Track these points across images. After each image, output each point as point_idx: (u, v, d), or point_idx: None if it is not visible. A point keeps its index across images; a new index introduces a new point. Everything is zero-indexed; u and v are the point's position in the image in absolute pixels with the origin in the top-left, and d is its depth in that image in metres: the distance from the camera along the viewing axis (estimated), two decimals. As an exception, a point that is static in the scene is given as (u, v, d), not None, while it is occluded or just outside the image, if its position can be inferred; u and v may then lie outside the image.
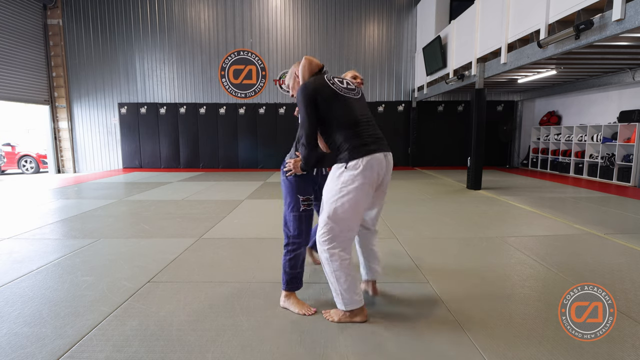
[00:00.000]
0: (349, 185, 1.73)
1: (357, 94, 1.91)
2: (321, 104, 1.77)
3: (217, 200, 5.35)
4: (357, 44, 10.00)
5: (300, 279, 2.04)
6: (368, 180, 1.74)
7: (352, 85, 1.92)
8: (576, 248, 3.11)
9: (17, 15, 8.92)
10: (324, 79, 1.84)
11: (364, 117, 1.85)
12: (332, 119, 1.78)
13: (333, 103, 1.78)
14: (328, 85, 1.81)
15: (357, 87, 1.96)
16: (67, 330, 1.81)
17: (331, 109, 1.77)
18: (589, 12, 3.81)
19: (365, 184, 1.74)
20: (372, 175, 1.76)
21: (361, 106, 1.89)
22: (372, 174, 1.75)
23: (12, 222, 4.13)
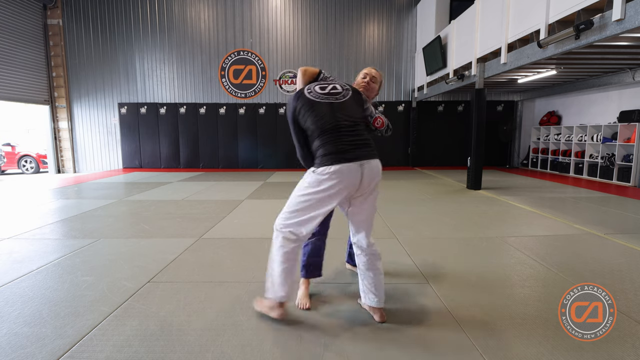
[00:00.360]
0: (313, 188, 1.75)
1: (341, 98, 1.84)
2: (299, 114, 1.83)
3: (217, 200, 5.35)
4: (357, 44, 10.00)
5: (309, 269, 2.14)
6: (333, 189, 1.71)
7: (339, 89, 1.87)
8: (576, 248, 3.11)
9: (17, 15, 8.92)
10: (304, 89, 1.87)
11: (345, 121, 1.78)
12: (309, 127, 1.80)
13: (309, 112, 1.80)
14: (304, 95, 1.83)
15: (345, 91, 1.88)
16: (67, 330, 1.81)
17: (308, 118, 1.80)
18: (589, 12, 3.81)
19: (329, 190, 1.71)
20: (339, 185, 1.71)
21: (343, 110, 1.81)
22: (340, 183, 1.70)
23: (12, 222, 4.13)
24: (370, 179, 1.76)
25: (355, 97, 1.91)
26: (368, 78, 2.08)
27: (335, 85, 1.89)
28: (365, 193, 1.80)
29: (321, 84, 1.89)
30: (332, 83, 1.91)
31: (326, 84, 1.90)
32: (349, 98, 1.86)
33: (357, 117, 1.87)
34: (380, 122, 2.04)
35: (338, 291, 2.27)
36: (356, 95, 1.93)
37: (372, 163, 1.77)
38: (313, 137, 1.80)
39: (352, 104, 1.87)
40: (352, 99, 1.88)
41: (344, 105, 1.82)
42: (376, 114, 2.06)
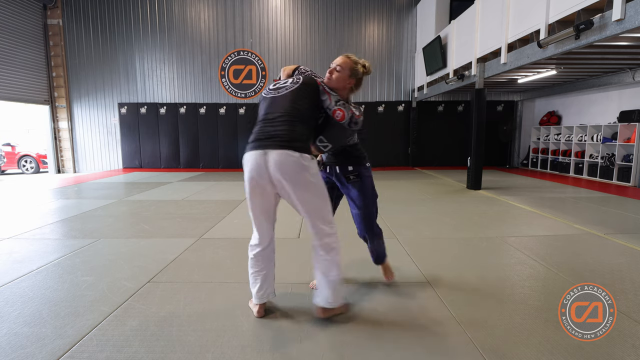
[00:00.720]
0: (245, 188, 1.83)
1: (283, 91, 1.84)
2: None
3: (217, 200, 5.35)
4: (357, 44, 10.00)
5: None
6: (246, 179, 1.77)
7: (287, 84, 1.88)
8: (576, 248, 3.11)
9: (17, 15, 8.92)
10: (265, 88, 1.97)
11: (273, 113, 1.79)
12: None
13: (259, 107, 1.92)
14: (262, 93, 1.96)
15: (292, 84, 1.86)
16: (67, 330, 1.81)
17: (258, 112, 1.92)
18: (589, 12, 3.80)
19: (246, 182, 1.78)
20: (248, 175, 1.75)
21: (277, 103, 1.81)
22: (248, 173, 1.75)
23: (12, 222, 4.13)
24: (276, 170, 1.68)
25: (303, 88, 1.84)
26: (333, 66, 1.94)
27: (288, 80, 1.91)
28: (280, 186, 1.73)
29: (277, 82, 1.95)
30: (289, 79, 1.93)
31: (283, 81, 1.94)
32: (291, 90, 1.83)
33: (291, 108, 1.78)
34: (339, 114, 1.83)
35: (338, 291, 2.27)
36: (306, 87, 1.86)
37: (277, 153, 1.68)
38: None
39: (297, 96, 1.82)
40: (297, 91, 1.83)
41: (280, 98, 1.83)
42: (335, 107, 1.84)
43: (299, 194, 1.74)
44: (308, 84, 1.88)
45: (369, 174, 2.12)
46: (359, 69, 1.95)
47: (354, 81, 1.96)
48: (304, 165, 1.70)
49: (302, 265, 2.66)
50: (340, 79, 1.92)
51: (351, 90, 2.01)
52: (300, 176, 1.71)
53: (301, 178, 1.72)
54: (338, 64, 1.93)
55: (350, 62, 1.93)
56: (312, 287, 2.27)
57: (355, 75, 1.95)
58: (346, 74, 1.92)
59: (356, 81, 1.98)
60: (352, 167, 2.08)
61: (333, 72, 1.93)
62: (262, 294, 1.92)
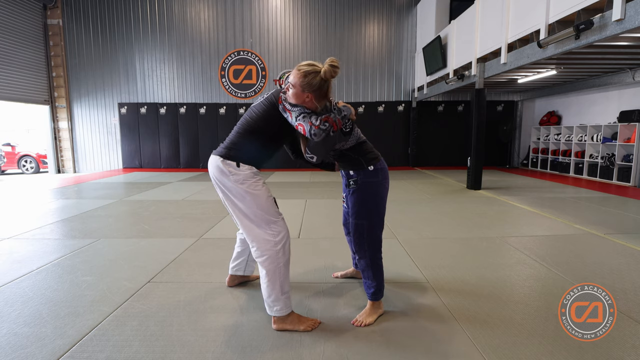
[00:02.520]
0: None
1: (255, 103, 1.89)
2: None
3: (217, 200, 5.35)
4: (357, 44, 10.00)
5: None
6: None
7: (262, 97, 1.89)
8: (576, 248, 3.11)
9: (17, 15, 8.92)
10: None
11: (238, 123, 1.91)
12: None
13: None
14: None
15: (259, 99, 1.88)
16: (67, 330, 1.81)
17: None
18: (589, 12, 3.81)
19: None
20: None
21: (245, 113, 1.90)
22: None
23: (12, 222, 4.13)
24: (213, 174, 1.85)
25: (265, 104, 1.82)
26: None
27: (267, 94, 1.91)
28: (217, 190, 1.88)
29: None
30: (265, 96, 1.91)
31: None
32: (255, 104, 1.87)
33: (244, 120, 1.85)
34: (301, 129, 1.69)
35: (338, 292, 2.27)
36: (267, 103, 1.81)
37: (211, 158, 1.87)
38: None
39: (256, 108, 1.84)
40: (258, 106, 1.85)
41: (249, 109, 1.89)
42: (296, 122, 1.70)
43: (227, 201, 1.85)
44: (269, 100, 1.82)
45: (373, 180, 1.87)
46: (312, 81, 1.69)
47: (311, 95, 1.72)
48: (222, 171, 1.79)
49: (303, 265, 2.67)
50: (295, 96, 1.73)
51: (317, 102, 1.76)
52: (222, 186, 1.82)
53: (223, 189, 1.82)
54: (289, 81, 1.75)
55: (299, 76, 1.70)
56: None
57: (310, 88, 1.70)
58: (298, 90, 1.71)
59: (315, 93, 1.72)
60: (353, 171, 1.91)
61: (288, 88, 1.76)
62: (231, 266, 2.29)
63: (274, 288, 1.79)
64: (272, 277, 1.78)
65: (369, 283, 1.94)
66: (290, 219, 4.06)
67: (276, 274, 1.78)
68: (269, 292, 1.80)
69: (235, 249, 2.26)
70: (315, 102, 1.76)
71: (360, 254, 1.92)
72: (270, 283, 1.79)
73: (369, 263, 1.91)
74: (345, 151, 1.89)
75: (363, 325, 1.86)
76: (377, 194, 1.89)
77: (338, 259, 2.80)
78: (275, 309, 1.80)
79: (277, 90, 1.83)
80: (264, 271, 1.79)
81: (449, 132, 10.08)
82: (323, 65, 1.72)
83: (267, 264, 1.78)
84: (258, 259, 1.81)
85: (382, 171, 1.90)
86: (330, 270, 2.56)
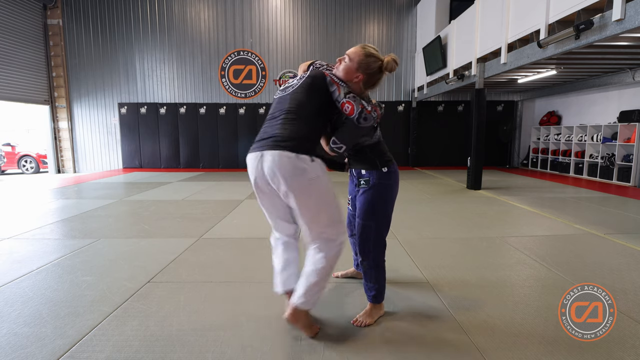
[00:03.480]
0: None
1: (289, 89, 1.72)
2: None
3: (217, 200, 5.35)
4: (357, 44, 9.97)
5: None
6: (251, 182, 1.68)
7: (293, 81, 1.75)
8: (576, 248, 3.11)
9: (17, 15, 8.92)
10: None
11: (275, 112, 1.69)
12: None
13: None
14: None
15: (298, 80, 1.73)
16: (67, 330, 1.81)
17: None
18: (589, 12, 3.81)
19: (252, 185, 1.69)
20: (250, 177, 1.67)
21: (282, 101, 1.70)
22: (250, 175, 1.66)
23: (12, 222, 4.13)
24: (271, 172, 1.55)
25: (309, 83, 1.68)
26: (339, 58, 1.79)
27: (294, 79, 1.78)
28: (279, 189, 1.59)
29: (287, 83, 1.82)
30: (297, 77, 1.80)
31: (296, 75, 1.83)
32: (298, 87, 1.69)
33: (293, 106, 1.65)
34: (348, 108, 1.62)
35: (338, 292, 2.27)
36: (313, 81, 1.69)
37: (270, 154, 1.55)
38: None
39: (302, 93, 1.67)
40: (304, 86, 1.68)
41: (285, 96, 1.71)
42: (343, 99, 1.63)
43: (297, 199, 1.58)
44: (314, 76, 1.69)
45: (386, 182, 1.84)
46: (371, 63, 1.70)
47: (362, 76, 1.71)
48: (299, 167, 1.54)
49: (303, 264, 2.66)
50: (346, 70, 1.71)
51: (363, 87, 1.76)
52: (296, 180, 1.55)
53: (297, 182, 1.55)
54: (348, 53, 1.74)
55: (362, 53, 1.70)
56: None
57: (364, 70, 1.70)
58: (353, 65, 1.70)
59: (367, 77, 1.72)
60: (365, 171, 1.86)
61: (341, 61, 1.74)
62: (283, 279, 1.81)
63: (323, 285, 1.73)
64: (328, 272, 1.72)
65: (371, 285, 1.90)
66: (290, 219, 4.06)
67: (330, 271, 1.74)
68: (316, 287, 1.69)
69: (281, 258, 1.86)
70: (362, 86, 1.75)
71: (365, 255, 1.88)
72: (324, 278, 1.71)
73: (373, 265, 1.88)
74: (366, 147, 1.84)
75: (363, 325, 1.85)
76: (387, 197, 1.86)
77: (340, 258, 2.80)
78: (303, 301, 1.67)
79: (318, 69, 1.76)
80: (321, 265, 1.68)
81: (449, 132, 10.08)
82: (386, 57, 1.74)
83: (328, 261, 1.70)
84: (319, 255, 1.70)
85: (394, 174, 1.89)
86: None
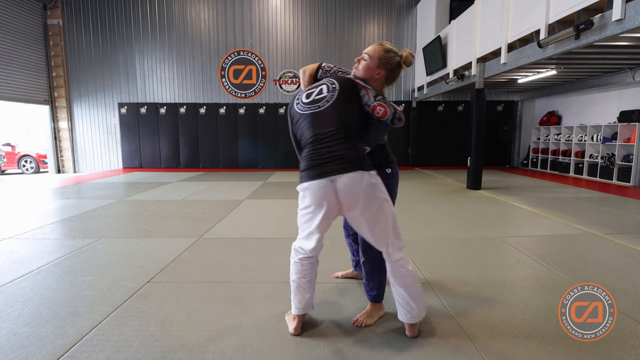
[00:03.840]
0: (300, 204, 1.68)
1: (324, 104, 1.65)
2: (293, 126, 1.75)
3: (217, 200, 5.35)
4: (357, 44, 10.00)
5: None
6: (310, 207, 1.61)
7: (324, 93, 1.67)
8: (576, 248, 3.11)
9: (17, 15, 8.92)
10: (294, 100, 1.77)
11: (320, 134, 1.60)
12: (298, 141, 1.74)
13: (296, 125, 1.72)
14: (294, 107, 1.74)
15: (330, 93, 1.67)
16: (67, 330, 1.81)
17: (296, 131, 1.73)
18: (589, 12, 3.81)
19: (308, 208, 1.62)
20: (313, 204, 1.59)
21: (324, 120, 1.62)
22: (313, 202, 1.59)
23: (12, 222, 4.13)
24: (349, 195, 1.55)
25: (343, 93, 1.66)
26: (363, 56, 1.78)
27: (322, 88, 1.70)
28: (352, 208, 1.59)
29: (309, 90, 1.74)
30: (320, 85, 1.73)
31: (314, 87, 1.74)
32: (334, 101, 1.65)
33: (345, 121, 1.63)
34: (381, 111, 1.64)
35: (338, 293, 2.27)
36: (345, 90, 1.67)
37: (347, 177, 1.54)
38: (300, 150, 1.73)
39: (340, 106, 1.64)
40: (339, 98, 1.65)
41: (325, 113, 1.63)
42: (374, 102, 1.65)
43: (371, 216, 1.61)
44: (344, 85, 1.68)
45: (388, 182, 1.80)
46: (391, 58, 1.74)
47: (384, 72, 1.75)
48: (373, 184, 1.58)
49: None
50: (366, 68, 1.74)
51: (383, 84, 1.79)
52: (373, 198, 1.59)
53: (374, 200, 1.59)
54: (366, 52, 1.75)
55: (381, 49, 1.73)
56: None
57: (385, 65, 1.73)
58: (374, 63, 1.73)
59: (388, 72, 1.75)
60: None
61: (360, 60, 1.75)
62: (304, 304, 1.75)
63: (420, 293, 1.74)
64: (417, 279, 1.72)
65: (372, 285, 1.90)
66: (290, 219, 4.07)
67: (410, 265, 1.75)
68: (419, 284, 1.73)
69: (301, 280, 1.73)
70: (384, 82, 1.78)
71: (367, 254, 1.88)
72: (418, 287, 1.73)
73: (375, 265, 1.87)
74: (377, 147, 1.86)
75: (363, 325, 1.85)
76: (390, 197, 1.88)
77: (338, 259, 2.80)
78: (420, 315, 1.73)
79: (337, 76, 1.74)
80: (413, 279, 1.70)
81: (449, 132, 10.08)
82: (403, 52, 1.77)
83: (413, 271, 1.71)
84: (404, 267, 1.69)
85: (396, 175, 1.92)
86: (331, 270, 2.56)
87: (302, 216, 1.69)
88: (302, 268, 1.72)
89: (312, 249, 1.68)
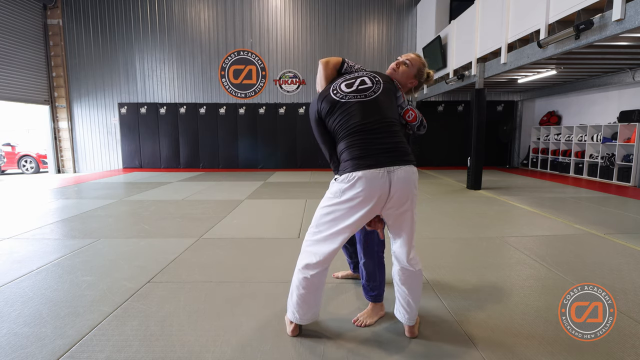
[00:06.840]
0: (335, 198, 1.56)
1: (371, 94, 1.61)
2: (325, 118, 1.65)
3: (217, 200, 5.35)
4: (357, 44, 10.00)
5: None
6: (356, 199, 1.51)
7: (368, 83, 1.65)
8: (576, 248, 3.11)
9: (17, 15, 8.92)
10: (329, 90, 1.66)
11: (371, 123, 1.56)
12: (335, 129, 1.63)
13: (334, 114, 1.61)
14: (329, 95, 1.64)
15: (376, 85, 1.65)
16: (67, 330, 1.81)
17: (333, 120, 1.62)
18: (589, 12, 3.81)
19: (353, 200, 1.51)
20: (362, 195, 1.50)
21: (374, 109, 1.59)
22: (363, 193, 1.50)
23: (12, 222, 4.13)
24: (401, 189, 1.52)
25: (387, 89, 1.66)
26: (402, 59, 1.79)
27: (364, 79, 1.66)
28: (396, 205, 1.54)
29: (347, 80, 1.67)
30: (359, 76, 1.68)
31: (353, 78, 1.68)
32: (380, 93, 1.62)
33: (391, 115, 1.63)
34: (412, 115, 1.70)
35: (338, 292, 2.27)
36: (388, 86, 1.68)
37: (403, 170, 1.52)
38: (339, 139, 1.62)
39: (385, 100, 1.63)
40: (384, 92, 1.64)
41: (375, 102, 1.60)
42: (407, 106, 1.72)
43: (412, 212, 1.59)
44: (387, 82, 1.69)
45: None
46: (424, 71, 1.82)
47: (416, 82, 1.82)
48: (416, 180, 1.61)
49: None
50: (406, 75, 1.78)
51: (413, 92, 1.87)
52: (415, 195, 1.60)
53: (415, 197, 1.61)
54: (408, 59, 1.78)
55: (420, 61, 1.80)
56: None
57: (419, 77, 1.82)
58: (413, 71, 1.78)
59: (418, 84, 1.84)
60: None
61: (400, 64, 1.77)
62: (310, 316, 1.72)
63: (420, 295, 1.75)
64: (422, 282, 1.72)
65: (373, 285, 1.90)
66: (290, 219, 4.07)
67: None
68: (418, 300, 1.73)
69: (309, 295, 1.67)
70: (413, 91, 1.87)
71: (367, 255, 1.88)
72: (421, 289, 1.73)
73: (376, 265, 1.88)
74: None
75: (363, 325, 1.85)
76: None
77: (338, 259, 2.80)
78: (415, 314, 1.75)
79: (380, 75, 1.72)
80: (419, 280, 1.69)
81: (449, 132, 10.08)
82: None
83: (421, 272, 1.69)
84: (417, 266, 1.66)
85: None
86: (331, 270, 2.55)
87: (332, 212, 1.56)
88: (312, 282, 1.62)
89: (331, 252, 1.58)
